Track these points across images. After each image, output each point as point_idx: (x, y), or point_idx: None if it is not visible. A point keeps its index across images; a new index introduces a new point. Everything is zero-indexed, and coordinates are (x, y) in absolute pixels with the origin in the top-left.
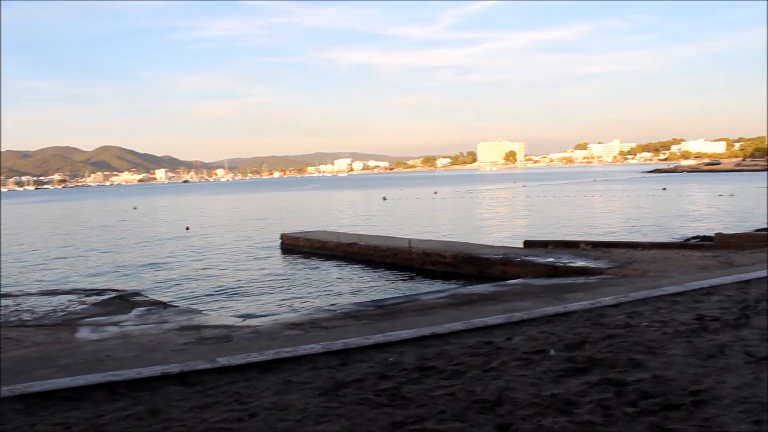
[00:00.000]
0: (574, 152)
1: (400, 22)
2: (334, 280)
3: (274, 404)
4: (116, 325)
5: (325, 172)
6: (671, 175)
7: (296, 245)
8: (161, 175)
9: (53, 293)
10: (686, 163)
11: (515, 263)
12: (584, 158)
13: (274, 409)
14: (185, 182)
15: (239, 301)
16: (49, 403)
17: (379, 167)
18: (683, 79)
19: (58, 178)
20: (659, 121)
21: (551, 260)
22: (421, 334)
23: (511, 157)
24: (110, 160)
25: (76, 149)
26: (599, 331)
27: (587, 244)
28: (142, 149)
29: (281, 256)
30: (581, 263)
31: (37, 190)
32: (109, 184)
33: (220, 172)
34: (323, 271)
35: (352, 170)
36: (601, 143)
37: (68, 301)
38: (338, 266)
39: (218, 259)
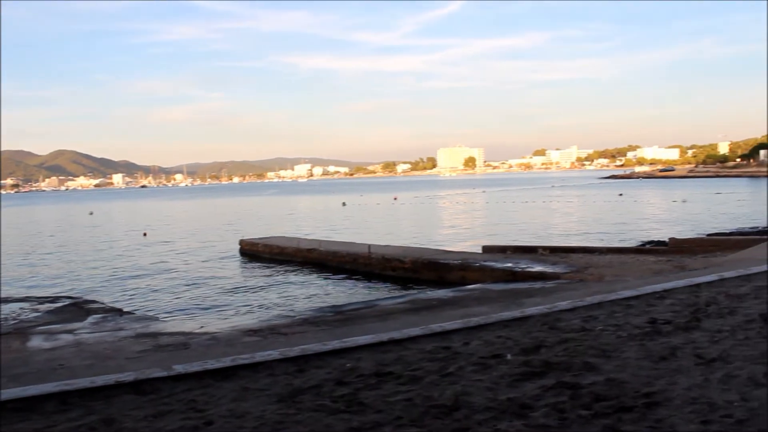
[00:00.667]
0: (532, 158)
1: (360, 28)
2: (293, 286)
3: (230, 412)
4: (70, 333)
5: (285, 177)
6: (627, 181)
7: (255, 251)
8: (118, 179)
9: (5, 301)
10: (641, 169)
11: (474, 268)
12: (543, 164)
13: (230, 416)
14: (143, 187)
15: (197, 307)
16: None
17: (339, 173)
18: (639, 87)
19: (10, 182)
20: (616, 128)
21: (510, 265)
22: (379, 339)
23: (470, 162)
24: (65, 164)
25: (29, 153)
26: (555, 335)
27: (545, 249)
28: (98, 153)
29: (240, 262)
30: (539, 268)
31: None
32: (64, 188)
33: (178, 177)
34: (282, 277)
35: (312, 176)
36: (559, 149)
37: (20, 308)
38: (297, 272)
39: (176, 264)
